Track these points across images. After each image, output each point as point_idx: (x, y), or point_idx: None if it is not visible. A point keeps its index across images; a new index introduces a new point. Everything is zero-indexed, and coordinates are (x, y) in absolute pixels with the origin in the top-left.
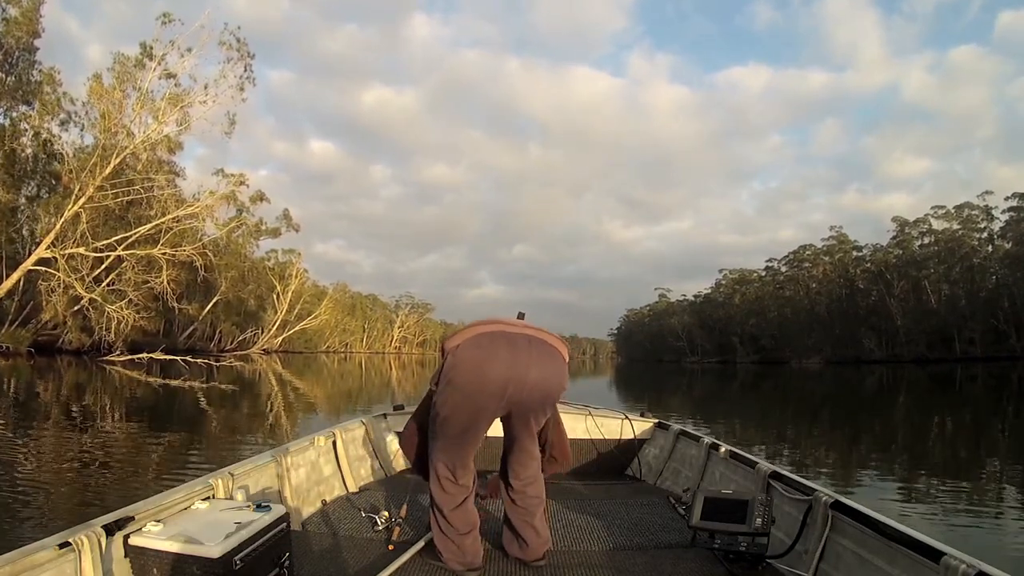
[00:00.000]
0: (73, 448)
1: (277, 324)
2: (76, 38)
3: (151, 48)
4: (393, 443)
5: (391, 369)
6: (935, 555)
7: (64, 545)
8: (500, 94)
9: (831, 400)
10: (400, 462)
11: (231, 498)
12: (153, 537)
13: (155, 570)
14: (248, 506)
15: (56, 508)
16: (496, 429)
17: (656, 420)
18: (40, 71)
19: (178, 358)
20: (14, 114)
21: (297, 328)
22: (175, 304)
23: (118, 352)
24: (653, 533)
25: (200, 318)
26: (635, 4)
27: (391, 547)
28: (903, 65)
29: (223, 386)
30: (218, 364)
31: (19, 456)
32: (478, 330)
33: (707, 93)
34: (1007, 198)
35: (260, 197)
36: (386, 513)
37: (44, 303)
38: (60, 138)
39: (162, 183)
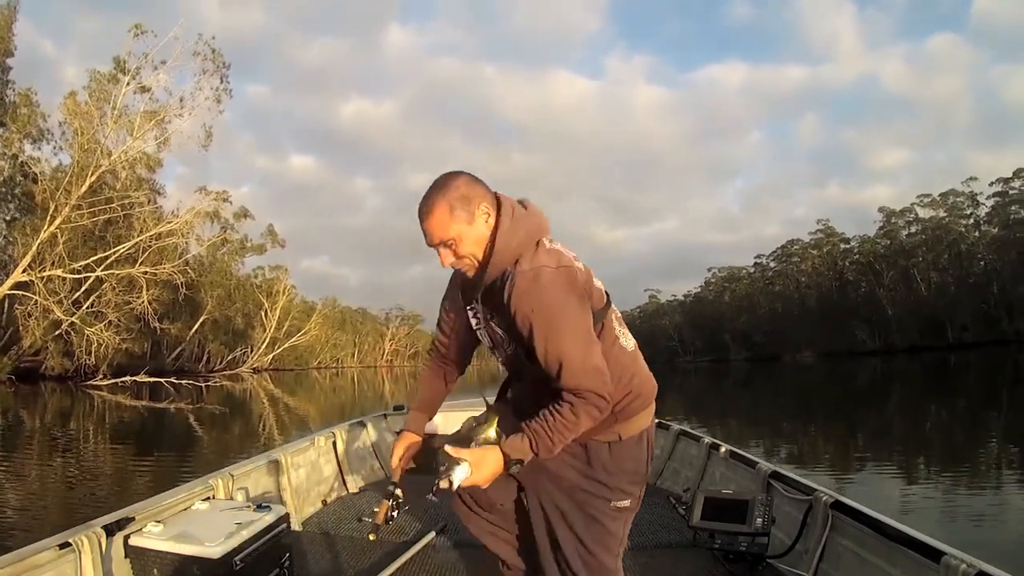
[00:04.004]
0: (57, 476)
1: (266, 342)
2: (52, 60)
3: (124, 62)
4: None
5: (383, 382)
6: (935, 555)
7: (64, 546)
8: (479, 100)
9: (824, 393)
10: None
11: (231, 498)
12: (153, 538)
13: (155, 570)
14: (248, 506)
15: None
16: None
17: (656, 420)
18: (15, 91)
19: (163, 380)
20: None
21: (287, 345)
22: (157, 324)
23: (101, 376)
24: (653, 533)
25: (188, 338)
26: (609, 5)
27: (391, 548)
28: (880, 56)
29: (211, 406)
30: (207, 384)
31: (6, 480)
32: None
33: (685, 92)
34: (991, 183)
35: (244, 214)
36: None
37: (22, 328)
38: (37, 159)
39: (142, 200)
